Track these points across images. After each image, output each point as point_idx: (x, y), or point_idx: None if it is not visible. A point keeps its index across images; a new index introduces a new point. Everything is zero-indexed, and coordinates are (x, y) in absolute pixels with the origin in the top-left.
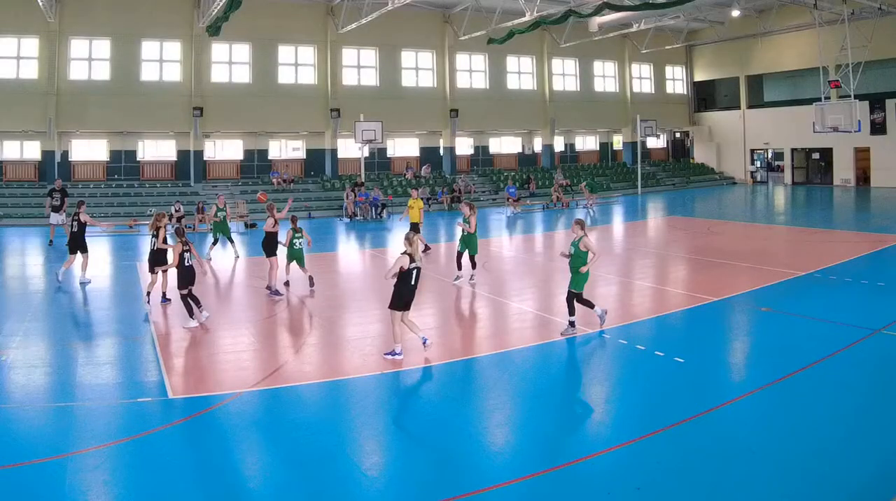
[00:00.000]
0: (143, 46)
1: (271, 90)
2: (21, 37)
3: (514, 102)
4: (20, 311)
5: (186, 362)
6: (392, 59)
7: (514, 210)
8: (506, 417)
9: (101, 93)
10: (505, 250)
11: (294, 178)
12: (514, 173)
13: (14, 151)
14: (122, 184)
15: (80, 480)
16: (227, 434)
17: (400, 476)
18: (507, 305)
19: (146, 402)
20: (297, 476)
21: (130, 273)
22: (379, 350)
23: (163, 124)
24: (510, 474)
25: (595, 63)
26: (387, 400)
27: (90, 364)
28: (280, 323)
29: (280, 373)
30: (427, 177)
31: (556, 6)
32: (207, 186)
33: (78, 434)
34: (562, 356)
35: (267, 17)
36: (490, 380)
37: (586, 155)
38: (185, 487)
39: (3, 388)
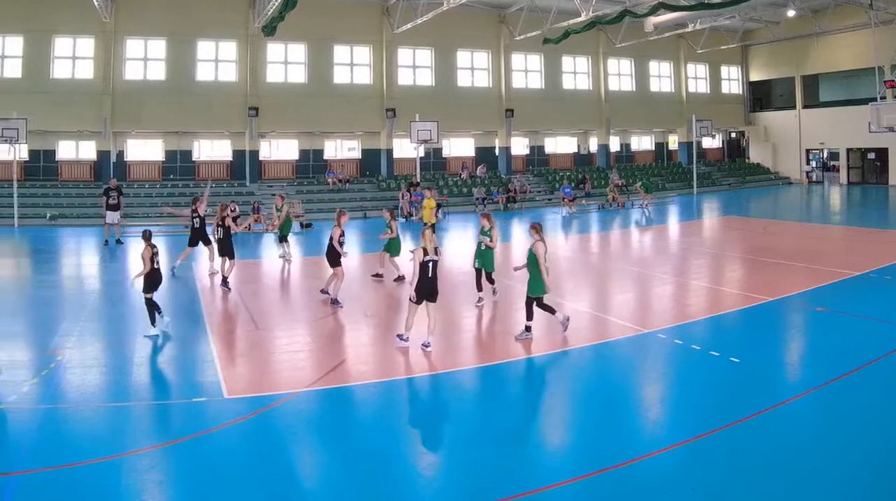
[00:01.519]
0: (198, 46)
1: (327, 90)
2: (77, 37)
3: (570, 102)
4: (75, 311)
5: (242, 362)
6: (447, 58)
7: (570, 210)
8: (561, 417)
9: (157, 93)
10: (560, 250)
11: (349, 178)
12: (570, 173)
13: (70, 151)
14: (178, 184)
15: (135, 480)
16: (282, 434)
17: (455, 476)
18: (561, 305)
19: (202, 402)
20: (353, 476)
21: (185, 272)
22: (436, 351)
23: (218, 124)
24: (566, 474)
25: (650, 63)
26: (442, 400)
27: (146, 363)
28: (335, 323)
29: (335, 373)
30: (482, 177)
31: (612, 6)
32: (263, 186)
33: (133, 434)
34: (617, 356)
35: (322, 16)
36: (546, 381)
37: (642, 155)
38: (240, 487)
39: (59, 388)
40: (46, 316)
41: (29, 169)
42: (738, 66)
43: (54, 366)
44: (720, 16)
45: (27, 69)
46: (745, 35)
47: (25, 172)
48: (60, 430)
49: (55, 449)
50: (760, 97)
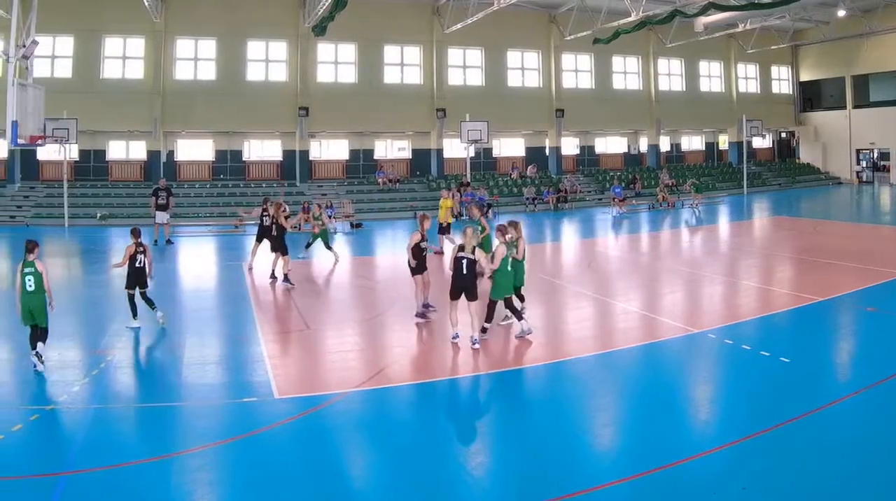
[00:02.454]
0: (248, 46)
1: (377, 90)
2: (127, 37)
3: (620, 102)
4: (125, 312)
5: (293, 362)
6: (498, 58)
7: (620, 210)
8: (611, 417)
9: (207, 93)
10: (610, 250)
11: (400, 178)
12: (620, 173)
13: (120, 151)
14: (228, 183)
15: (185, 480)
16: (332, 434)
17: (505, 476)
18: (612, 305)
19: (252, 402)
20: (403, 476)
21: (236, 272)
22: (487, 351)
23: (268, 124)
24: (615, 474)
25: (701, 63)
26: (492, 400)
27: (196, 363)
28: (385, 323)
29: (385, 373)
30: (533, 177)
31: (662, 6)
32: (313, 186)
33: (183, 434)
34: (667, 356)
35: (373, 16)
36: (595, 380)
37: (692, 155)
38: (290, 487)
39: (109, 388)
40: (96, 317)
41: (79, 169)
42: (789, 66)
43: (104, 366)
44: (770, 16)
45: (77, 69)
46: (795, 35)
47: (76, 172)
48: (110, 430)
49: (105, 449)
50: (810, 97)
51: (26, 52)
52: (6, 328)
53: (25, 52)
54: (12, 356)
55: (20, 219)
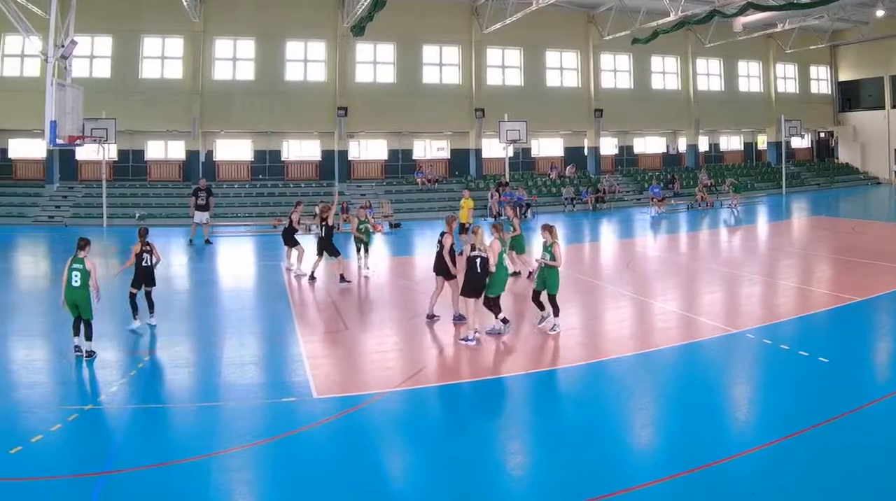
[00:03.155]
0: (287, 46)
1: (416, 90)
2: (166, 37)
3: (659, 102)
4: (163, 312)
5: (331, 362)
6: (536, 58)
7: (659, 210)
8: (650, 417)
9: (246, 93)
10: (649, 250)
11: (439, 178)
12: (659, 173)
13: (158, 151)
14: (266, 183)
15: (225, 480)
16: (371, 434)
17: (544, 476)
18: (650, 305)
19: (291, 402)
20: (442, 477)
21: (275, 272)
22: (524, 350)
23: (307, 124)
24: (654, 474)
25: (739, 63)
26: (530, 400)
27: (235, 363)
28: (424, 323)
29: (424, 373)
30: (571, 177)
31: (701, 6)
32: (352, 186)
33: (222, 433)
34: (706, 356)
35: (411, 17)
36: (634, 380)
37: (731, 155)
38: (329, 487)
39: (147, 388)
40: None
41: (118, 169)
42: (827, 66)
43: (143, 367)
44: (809, 16)
45: (116, 69)
46: (833, 35)
47: (114, 172)
48: (149, 430)
49: (144, 449)
50: (849, 97)
51: (65, 52)
52: (45, 329)
53: (64, 51)
54: (52, 356)
55: (58, 218)
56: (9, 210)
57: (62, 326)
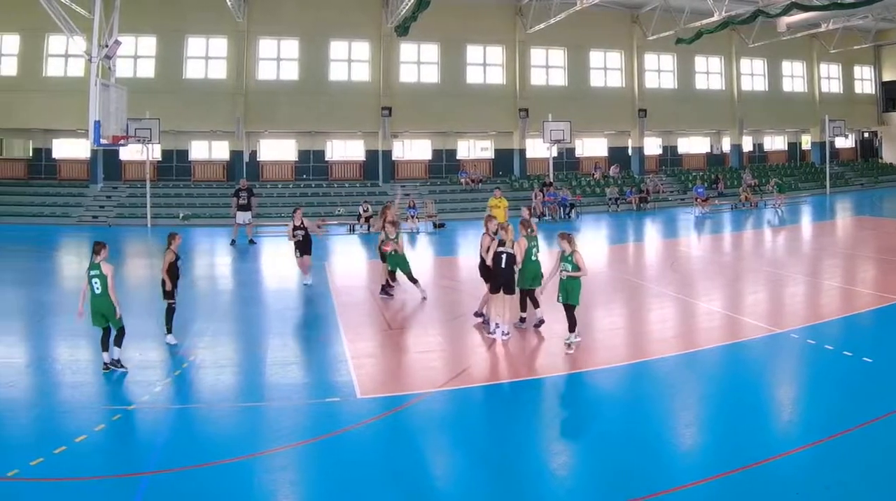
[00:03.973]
0: (331, 46)
1: (459, 90)
2: (210, 37)
3: (703, 102)
4: (207, 312)
5: (375, 362)
6: (580, 58)
7: (703, 210)
8: (694, 417)
9: (290, 93)
10: (693, 250)
11: (482, 178)
12: (703, 173)
13: (202, 151)
14: (311, 184)
15: (269, 480)
16: (415, 434)
17: (587, 476)
18: (694, 305)
19: (335, 402)
20: (485, 476)
21: (318, 273)
22: (564, 350)
23: (351, 124)
24: (698, 474)
25: (783, 63)
26: (574, 400)
27: (278, 363)
28: (468, 323)
29: (468, 373)
30: (615, 177)
31: (745, 6)
32: (396, 186)
33: (266, 434)
34: (750, 356)
35: (455, 17)
36: (678, 380)
37: (775, 155)
38: (373, 487)
39: (192, 388)
40: (178, 317)
41: (162, 169)
42: (871, 66)
43: (187, 366)
44: (853, 16)
45: (160, 69)
46: (877, 35)
47: (158, 172)
48: (193, 430)
49: (187, 449)
50: (893, 97)
51: (109, 52)
52: (89, 329)
53: (108, 51)
54: (95, 356)
55: (102, 219)
56: (53, 210)
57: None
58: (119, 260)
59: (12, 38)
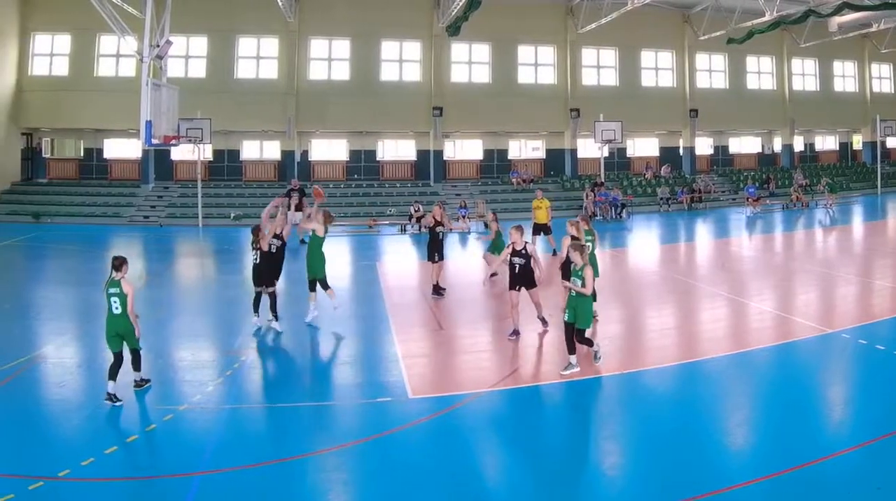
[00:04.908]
0: (382, 46)
1: (511, 90)
2: (261, 37)
3: (754, 102)
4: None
5: (426, 362)
6: (631, 58)
7: (754, 210)
8: (745, 417)
9: (341, 93)
10: (744, 250)
11: (534, 178)
12: (754, 173)
13: (254, 151)
14: (362, 183)
15: (320, 480)
16: (466, 434)
17: (638, 477)
18: (745, 305)
19: (386, 402)
20: (537, 477)
21: (370, 272)
22: (619, 351)
23: (402, 124)
24: (749, 474)
25: (834, 63)
26: (625, 400)
27: (330, 363)
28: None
29: (519, 374)
30: (667, 177)
31: (796, 6)
32: (447, 186)
33: (318, 433)
34: (801, 356)
35: (506, 17)
36: (729, 380)
37: (826, 154)
38: (425, 487)
39: (243, 388)
40: (230, 317)
41: (213, 168)
42: None
43: (238, 367)
44: None
45: (211, 69)
46: None
47: (210, 172)
48: (244, 430)
49: (239, 449)
50: None
51: (160, 52)
52: (141, 329)
53: (159, 51)
54: (147, 356)
55: (154, 219)
56: (104, 210)
57: (158, 325)
58: (172, 260)
59: (64, 38)
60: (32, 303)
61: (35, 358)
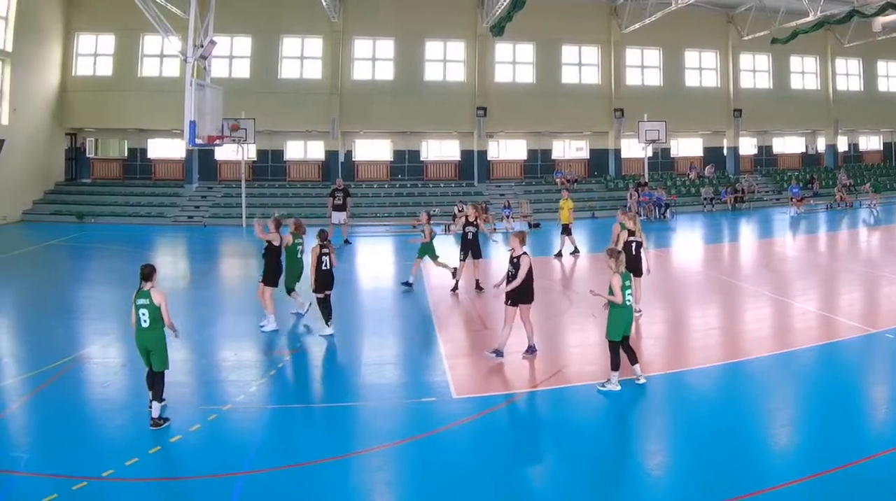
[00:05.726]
0: (426, 46)
1: (554, 90)
2: (305, 37)
3: (798, 102)
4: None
5: (470, 362)
6: (675, 58)
7: (798, 210)
8: (788, 417)
9: (385, 93)
10: (788, 250)
11: (577, 178)
12: (798, 173)
13: (297, 151)
14: (406, 183)
15: (364, 480)
16: (510, 434)
17: (683, 477)
18: (789, 305)
19: (430, 402)
20: (581, 477)
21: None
22: (662, 351)
23: (446, 124)
24: (792, 474)
25: (878, 63)
26: (668, 400)
27: (374, 363)
28: (562, 324)
29: (563, 374)
30: (711, 177)
31: (840, 6)
32: (491, 186)
33: (361, 433)
34: (845, 356)
35: (550, 17)
36: (772, 380)
37: (870, 155)
38: (469, 487)
39: (287, 388)
40: (275, 317)
41: (257, 169)
42: None
43: (282, 367)
44: None
45: (255, 69)
46: None
47: (253, 172)
48: (288, 430)
49: (283, 449)
50: None
51: (204, 52)
52: (185, 329)
53: (203, 52)
54: (191, 355)
55: (198, 219)
56: (148, 210)
57: (202, 325)
58: (216, 260)
59: (108, 38)
60: (76, 303)
61: (79, 358)
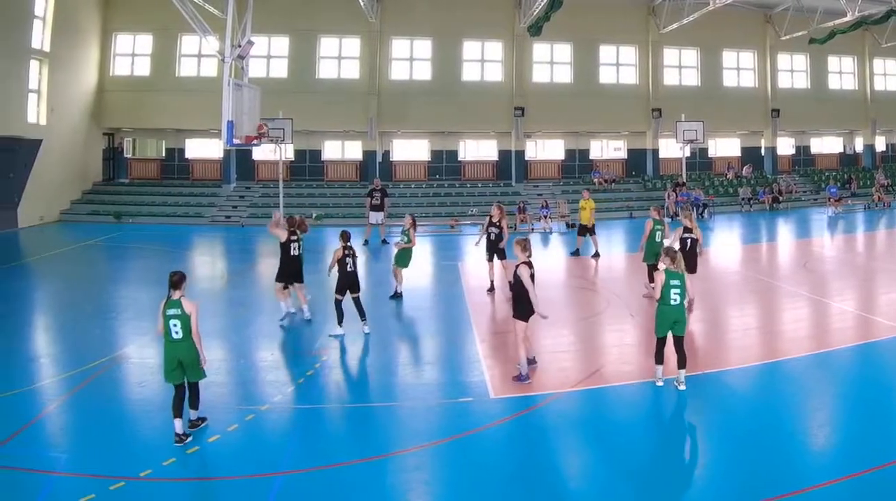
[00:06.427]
0: (464, 46)
1: (592, 90)
2: (342, 37)
3: (835, 102)
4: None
5: (508, 362)
6: (713, 58)
7: (836, 210)
8: (826, 417)
9: (422, 93)
10: (826, 250)
11: (615, 178)
12: (835, 173)
13: (335, 151)
14: (444, 184)
15: (401, 480)
16: (548, 434)
17: (720, 476)
18: (827, 305)
19: (467, 402)
20: (618, 476)
21: (452, 272)
22: (700, 351)
23: (484, 124)
24: (830, 474)
25: None
26: (706, 401)
27: (411, 363)
28: (601, 323)
29: (601, 374)
30: (748, 177)
31: (878, 6)
32: (529, 186)
33: (399, 434)
34: (883, 356)
35: (588, 17)
36: (811, 380)
37: None
38: (506, 487)
39: (324, 389)
40: (312, 317)
41: (295, 168)
42: None
43: (319, 367)
44: None
45: (293, 69)
46: None
47: (291, 172)
48: (325, 430)
49: (320, 449)
50: None
51: (242, 52)
52: (222, 329)
53: (241, 52)
54: (229, 356)
55: (235, 218)
56: (186, 210)
57: (240, 326)
58: (254, 260)
59: (145, 38)
60: (114, 303)
61: (117, 358)
